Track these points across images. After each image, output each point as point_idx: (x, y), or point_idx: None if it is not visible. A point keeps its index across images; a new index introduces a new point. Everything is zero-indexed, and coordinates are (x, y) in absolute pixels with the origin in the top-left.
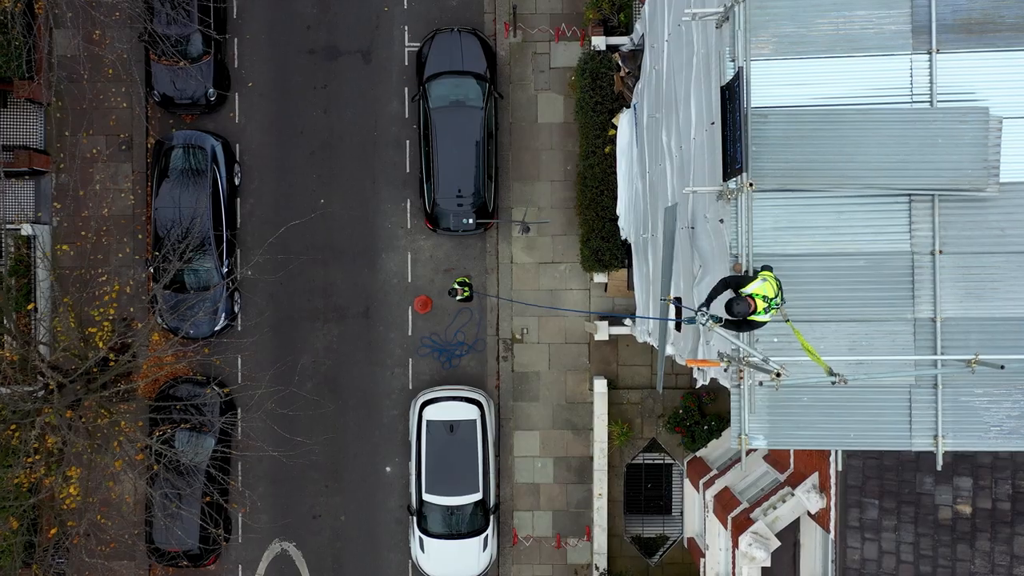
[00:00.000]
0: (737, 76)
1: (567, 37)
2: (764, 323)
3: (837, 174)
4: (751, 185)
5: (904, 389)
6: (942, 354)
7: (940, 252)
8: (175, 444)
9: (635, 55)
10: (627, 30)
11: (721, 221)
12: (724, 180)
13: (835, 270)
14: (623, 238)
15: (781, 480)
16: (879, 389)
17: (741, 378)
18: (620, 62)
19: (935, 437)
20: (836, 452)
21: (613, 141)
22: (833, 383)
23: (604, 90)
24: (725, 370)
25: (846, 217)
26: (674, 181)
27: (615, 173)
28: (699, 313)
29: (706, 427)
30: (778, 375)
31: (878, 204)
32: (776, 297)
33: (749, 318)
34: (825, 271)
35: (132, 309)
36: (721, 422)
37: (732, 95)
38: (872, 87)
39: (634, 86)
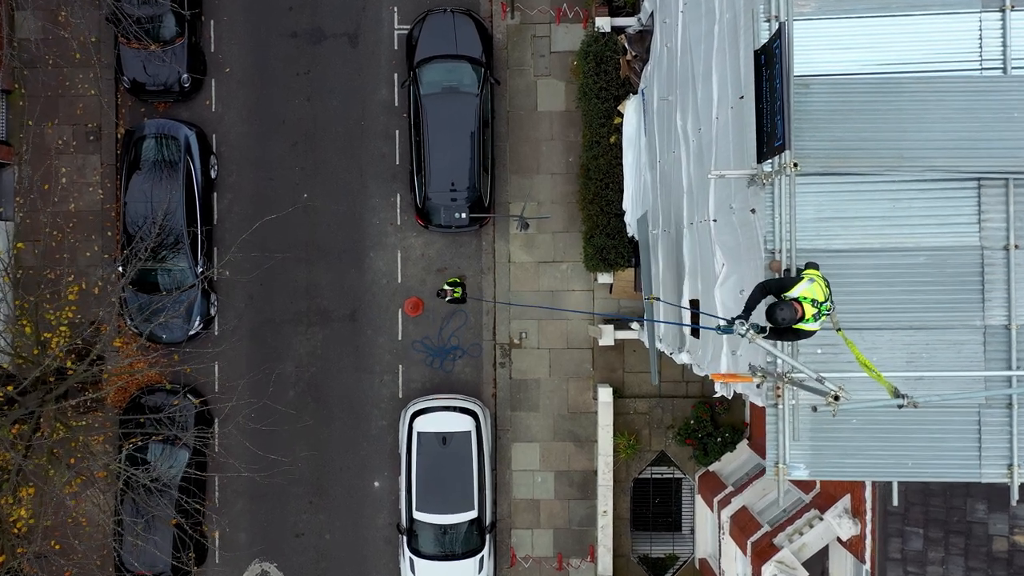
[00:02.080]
0: (777, 35)
1: (569, 19)
2: (813, 332)
3: (892, 154)
4: (795, 165)
5: (972, 410)
6: (1018, 368)
7: (1016, 247)
8: (147, 458)
9: (643, 37)
10: (634, 10)
11: (752, 211)
12: (759, 161)
13: (890, 268)
14: (630, 235)
15: (806, 501)
16: (942, 410)
17: (779, 396)
18: (626, 44)
19: (1009, 467)
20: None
21: (619, 130)
22: (900, 407)
23: (609, 75)
24: (758, 386)
25: (903, 206)
26: (690, 169)
27: (621, 165)
28: (738, 323)
29: (719, 439)
30: (836, 398)
31: (941, 190)
32: (826, 301)
33: (795, 327)
34: (878, 270)
35: (100, 312)
36: (735, 434)
37: (769, 59)
38: (934, 52)
39: (642, 70)
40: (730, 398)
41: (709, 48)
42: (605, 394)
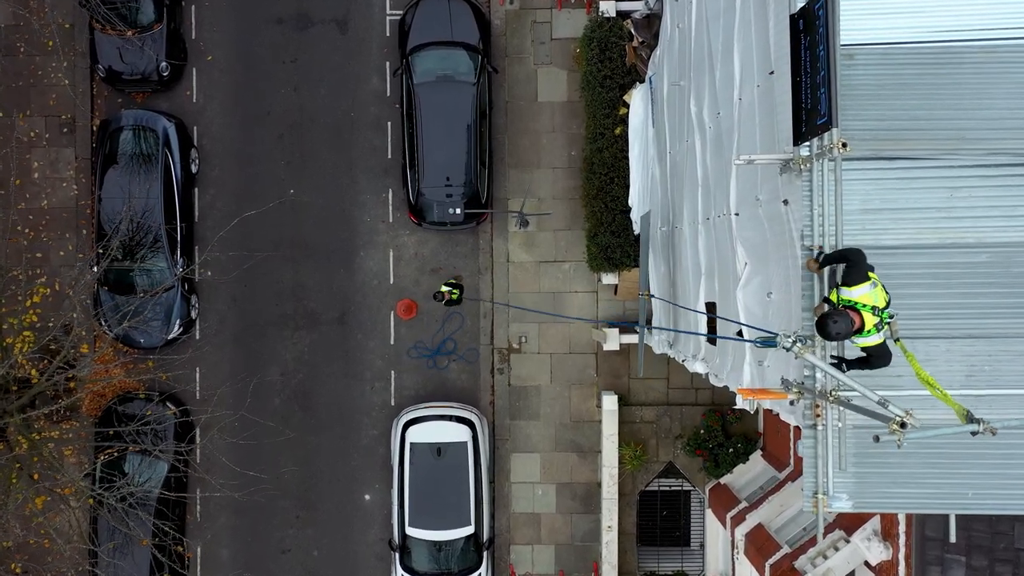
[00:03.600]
0: None
1: (571, 3)
2: (876, 347)
3: (950, 136)
4: (844, 145)
5: None
6: None
7: None
8: (125, 471)
9: (650, 21)
10: None
11: (785, 202)
12: (795, 144)
13: (947, 268)
14: (636, 233)
15: (829, 520)
16: (1006, 432)
17: (818, 416)
18: (632, 30)
19: None
20: None
21: (624, 121)
22: (974, 433)
23: (614, 62)
24: (792, 403)
25: (963, 195)
26: (707, 159)
27: (627, 158)
28: (781, 335)
29: (731, 450)
30: (902, 425)
31: (1007, 176)
32: (887, 307)
33: (857, 343)
34: (933, 269)
35: (73, 315)
36: (748, 444)
37: (809, 24)
38: (1001, 16)
39: (649, 57)
40: (753, 412)
41: (730, 22)
42: (610, 402)
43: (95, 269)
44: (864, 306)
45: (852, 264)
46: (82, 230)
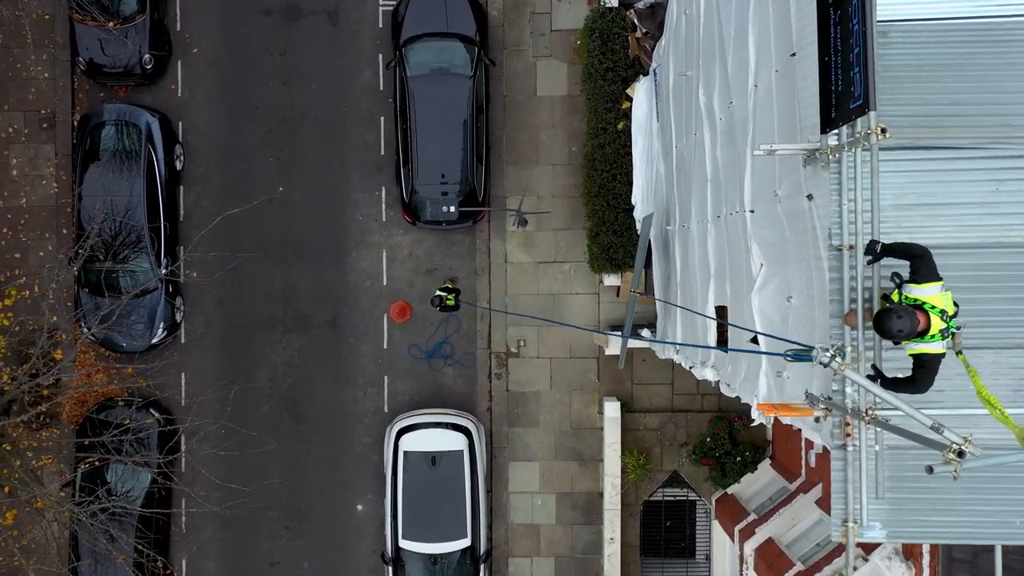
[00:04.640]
0: None
1: None
2: (933, 359)
3: (996, 122)
4: (883, 131)
5: None
6: None
7: None
8: (106, 481)
9: (654, 11)
10: None
11: (809, 197)
12: (824, 131)
13: (992, 269)
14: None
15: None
16: None
17: (848, 436)
18: (636, 20)
19: None
20: None
21: (627, 115)
22: None
23: (617, 54)
24: (817, 420)
25: (1010, 188)
26: (717, 153)
27: (630, 154)
28: (818, 348)
29: (739, 458)
30: (960, 454)
31: None
32: (955, 316)
33: (913, 350)
34: (976, 271)
35: (53, 318)
36: (756, 453)
37: None
38: None
39: (653, 48)
40: (770, 426)
41: (744, 3)
42: (612, 408)
43: (74, 269)
44: (933, 307)
45: (921, 259)
46: (62, 229)
